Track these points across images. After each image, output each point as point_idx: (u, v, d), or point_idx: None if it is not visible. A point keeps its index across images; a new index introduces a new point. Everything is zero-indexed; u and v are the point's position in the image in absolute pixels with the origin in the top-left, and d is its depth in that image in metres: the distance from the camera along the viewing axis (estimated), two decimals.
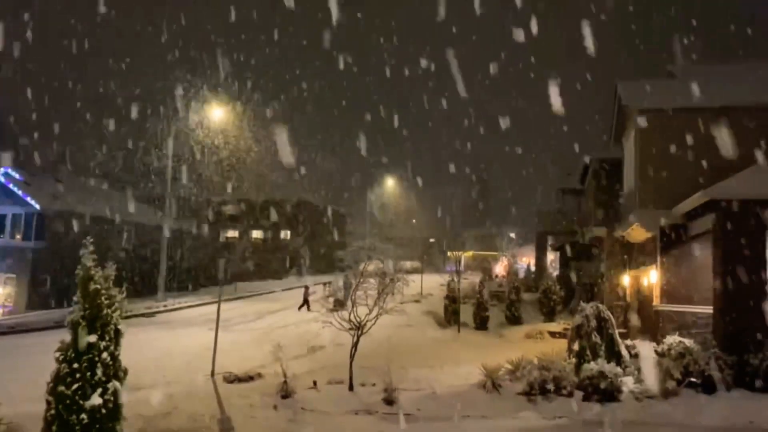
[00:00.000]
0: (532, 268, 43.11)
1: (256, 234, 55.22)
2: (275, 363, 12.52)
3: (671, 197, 15.08)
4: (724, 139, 14.31)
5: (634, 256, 18.73)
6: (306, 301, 25.44)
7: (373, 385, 12.01)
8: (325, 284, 24.02)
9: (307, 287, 26.58)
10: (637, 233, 17.35)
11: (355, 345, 12.38)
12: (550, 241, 38.06)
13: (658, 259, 15.74)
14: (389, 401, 10.93)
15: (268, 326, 21.77)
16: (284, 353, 13.12)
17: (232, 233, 54.09)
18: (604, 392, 10.98)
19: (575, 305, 15.45)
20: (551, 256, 43.57)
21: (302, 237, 53.05)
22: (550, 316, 24.23)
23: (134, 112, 33.23)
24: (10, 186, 28.95)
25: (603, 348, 12.36)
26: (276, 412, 10.54)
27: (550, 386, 11.31)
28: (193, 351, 16.02)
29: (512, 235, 58.03)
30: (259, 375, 13.23)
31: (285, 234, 55.06)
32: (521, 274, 39.12)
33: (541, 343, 17.73)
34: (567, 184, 31.87)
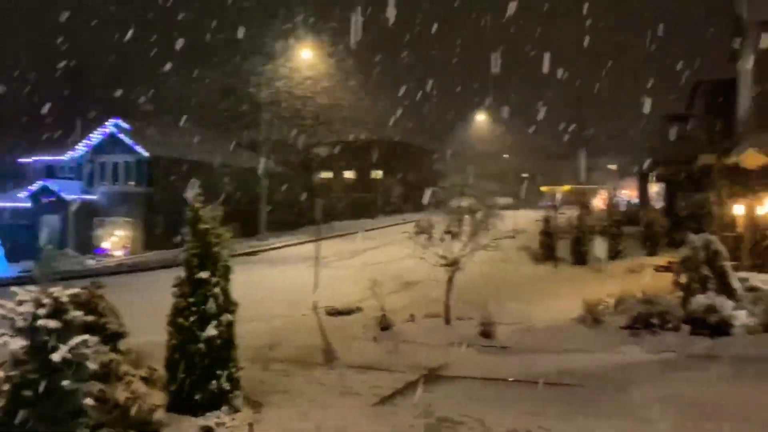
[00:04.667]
0: (634, 201, 41.19)
1: (348, 174, 56.30)
2: (372, 298, 12.84)
3: None
4: None
5: (748, 184, 17.41)
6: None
7: (470, 318, 12.10)
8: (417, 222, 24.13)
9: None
10: (752, 159, 16.06)
11: (450, 280, 12.45)
12: (653, 171, 36.00)
13: None
14: (486, 334, 11.00)
15: (363, 263, 22.35)
16: (381, 288, 13.43)
17: (326, 174, 55.31)
18: (714, 326, 10.47)
19: (682, 237, 14.69)
20: (655, 188, 41.38)
21: (393, 176, 53.40)
22: (653, 249, 23.23)
23: (225, 55, 33.94)
24: (121, 136, 30.86)
25: (713, 281, 11.73)
26: (376, 343, 10.92)
27: (655, 320, 10.90)
28: (294, 287, 16.77)
29: (611, 166, 55.33)
30: (358, 309, 13.70)
31: (376, 174, 55.77)
32: (622, 207, 37.50)
33: (643, 278, 17.09)
34: (671, 109, 29.80)
